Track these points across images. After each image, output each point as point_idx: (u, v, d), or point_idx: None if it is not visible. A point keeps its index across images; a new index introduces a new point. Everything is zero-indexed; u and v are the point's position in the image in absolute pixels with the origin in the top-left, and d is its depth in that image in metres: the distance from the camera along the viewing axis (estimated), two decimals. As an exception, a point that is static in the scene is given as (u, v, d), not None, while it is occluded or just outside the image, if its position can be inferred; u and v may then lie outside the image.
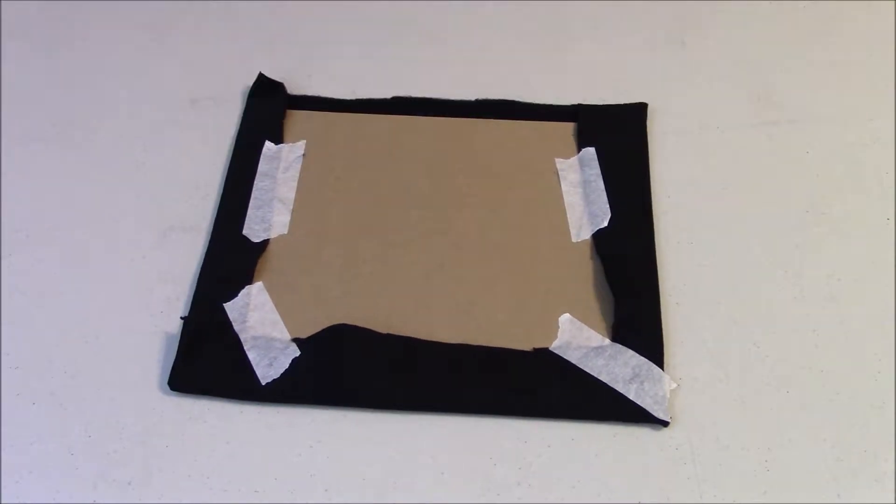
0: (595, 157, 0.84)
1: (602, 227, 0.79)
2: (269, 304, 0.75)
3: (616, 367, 0.69)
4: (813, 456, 0.66)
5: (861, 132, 0.86)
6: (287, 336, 0.72)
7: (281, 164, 0.84)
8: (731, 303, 0.74)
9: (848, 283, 0.75)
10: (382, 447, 0.67)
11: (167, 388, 0.70)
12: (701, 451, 0.66)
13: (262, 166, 0.84)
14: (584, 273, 0.76)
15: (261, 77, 0.90)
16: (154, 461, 0.67)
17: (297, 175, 0.84)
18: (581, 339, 0.72)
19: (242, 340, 0.71)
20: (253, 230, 0.79)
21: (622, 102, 0.88)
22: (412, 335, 0.72)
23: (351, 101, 0.89)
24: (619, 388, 0.68)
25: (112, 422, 0.69)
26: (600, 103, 0.88)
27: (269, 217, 0.80)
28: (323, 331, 0.72)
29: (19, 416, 0.69)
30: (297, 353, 0.71)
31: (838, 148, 0.85)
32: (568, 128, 0.86)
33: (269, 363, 0.70)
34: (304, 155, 0.85)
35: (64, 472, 0.66)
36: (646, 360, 0.69)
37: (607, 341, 0.72)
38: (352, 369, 0.70)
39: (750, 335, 0.72)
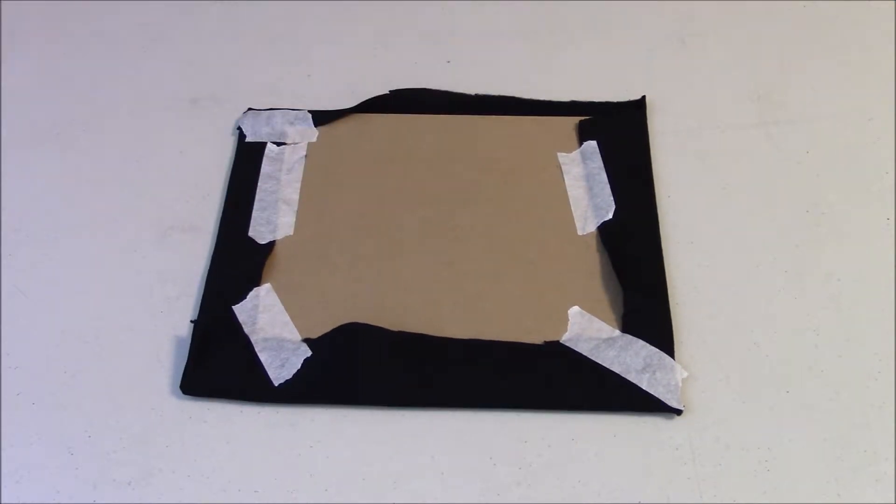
0: (597, 150, 0.84)
1: (607, 219, 0.79)
2: (279, 306, 0.75)
3: (627, 357, 0.69)
4: (813, 456, 0.66)
5: (861, 132, 0.86)
6: (298, 336, 0.72)
7: (284, 165, 0.84)
8: (731, 303, 0.74)
9: (848, 283, 0.75)
10: (382, 447, 0.67)
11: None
12: (701, 451, 0.66)
13: (266, 168, 0.84)
14: (591, 265, 0.76)
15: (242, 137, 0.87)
16: (154, 461, 0.67)
17: (301, 176, 0.84)
18: (591, 331, 0.72)
19: (253, 342, 0.71)
20: (259, 232, 0.79)
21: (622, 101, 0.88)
22: (422, 332, 0.72)
23: (351, 107, 0.89)
24: (632, 378, 0.68)
25: (112, 422, 0.69)
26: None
27: (274, 218, 0.80)
28: (334, 330, 0.72)
29: (19, 416, 0.69)
30: (309, 353, 0.71)
31: (838, 148, 0.85)
32: (569, 123, 0.87)
33: (282, 364, 0.70)
34: (306, 156, 0.85)
35: (64, 472, 0.66)
36: (657, 349, 0.70)
37: (618, 332, 0.72)
38: (364, 368, 0.70)
39: (750, 335, 0.72)
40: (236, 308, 0.74)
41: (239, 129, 0.87)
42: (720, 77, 0.91)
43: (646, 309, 0.73)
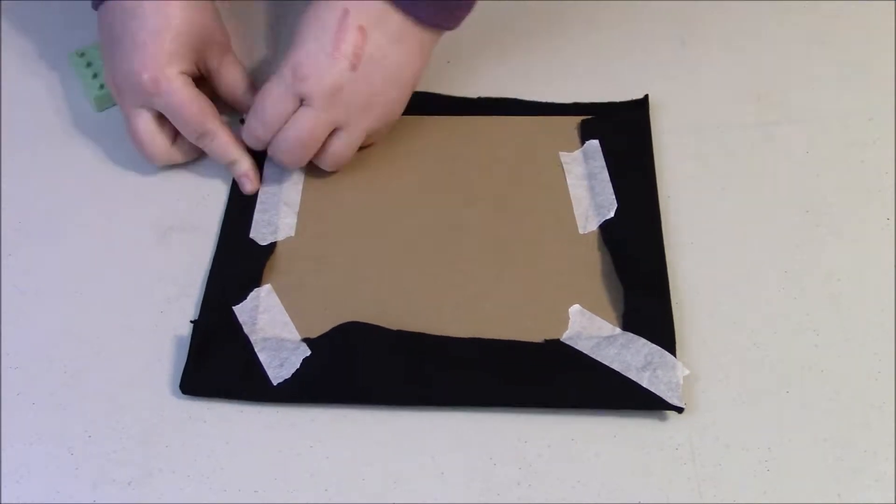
0: (599, 149, 0.84)
1: (609, 217, 0.79)
2: (279, 306, 0.75)
3: (628, 355, 0.69)
4: (813, 456, 0.66)
5: (861, 132, 0.86)
6: (297, 336, 0.72)
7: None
8: (731, 303, 0.74)
9: (848, 283, 0.75)
10: (382, 447, 0.67)
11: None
12: (701, 451, 0.66)
13: (267, 170, 0.84)
14: (592, 264, 0.76)
15: None
16: (154, 461, 0.67)
17: (302, 177, 0.84)
18: (592, 329, 0.72)
19: (253, 342, 0.71)
20: (260, 233, 0.79)
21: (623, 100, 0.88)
22: (423, 331, 0.72)
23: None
24: (633, 375, 0.68)
25: (112, 422, 0.69)
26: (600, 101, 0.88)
27: (275, 220, 0.80)
28: (333, 329, 0.72)
29: (19, 416, 0.69)
30: (308, 352, 0.71)
31: (838, 148, 0.85)
32: (571, 122, 0.86)
33: (280, 364, 0.70)
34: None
35: (64, 472, 0.66)
36: (658, 347, 0.69)
37: (618, 330, 0.72)
38: (364, 367, 0.70)
39: (750, 335, 0.72)
40: (237, 308, 0.74)
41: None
42: (720, 77, 0.91)
43: (647, 307, 0.73)
